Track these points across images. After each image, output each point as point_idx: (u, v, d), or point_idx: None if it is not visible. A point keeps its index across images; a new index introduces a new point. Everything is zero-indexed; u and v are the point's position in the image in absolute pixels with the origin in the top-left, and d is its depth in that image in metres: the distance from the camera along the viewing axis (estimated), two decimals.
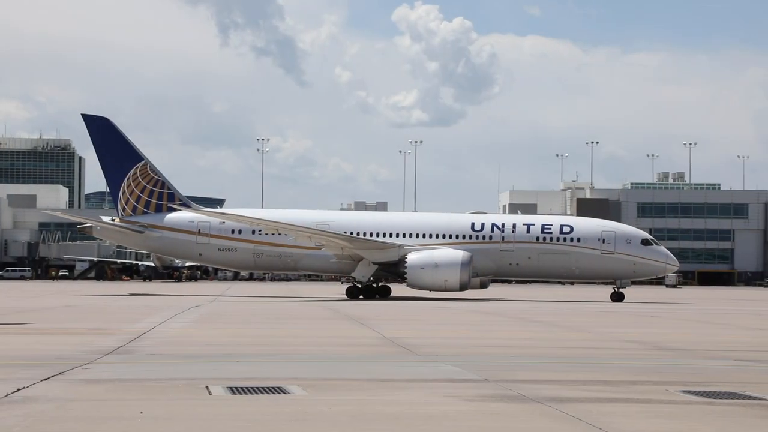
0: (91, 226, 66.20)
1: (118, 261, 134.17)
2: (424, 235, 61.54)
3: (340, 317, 36.85)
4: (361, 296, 60.05)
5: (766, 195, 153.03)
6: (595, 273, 61.69)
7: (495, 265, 61.40)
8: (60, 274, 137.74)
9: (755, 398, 13.87)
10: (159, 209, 63.76)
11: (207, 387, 14.37)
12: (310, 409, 12.53)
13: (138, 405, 12.60)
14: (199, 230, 62.69)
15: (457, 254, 58.97)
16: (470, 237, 61.17)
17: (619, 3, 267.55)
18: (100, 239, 71.16)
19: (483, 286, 63.93)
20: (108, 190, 65.48)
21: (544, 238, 60.86)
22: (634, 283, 65.75)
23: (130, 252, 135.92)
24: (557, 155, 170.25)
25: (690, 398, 13.85)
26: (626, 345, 24.75)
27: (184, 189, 66.35)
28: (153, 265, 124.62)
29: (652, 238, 62.03)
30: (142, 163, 64.30)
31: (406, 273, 58.69)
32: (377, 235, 61.88)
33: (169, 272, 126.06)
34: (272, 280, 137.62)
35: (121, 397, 13.44)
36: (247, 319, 35.89)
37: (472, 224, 61.66)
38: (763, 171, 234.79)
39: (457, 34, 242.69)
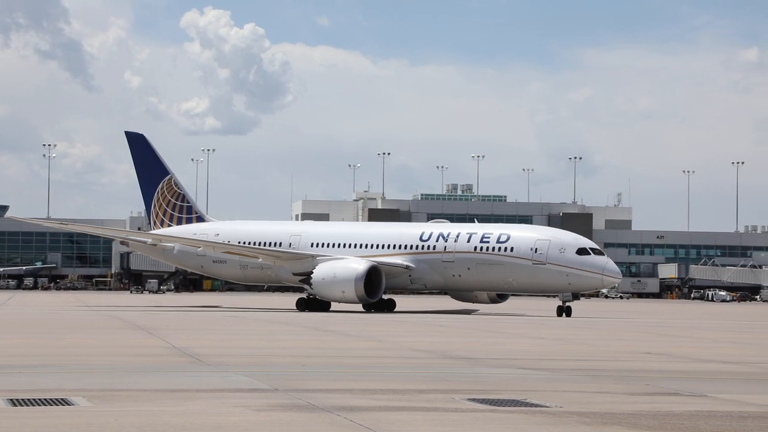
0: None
1: None
2: (376, 246, 59.78)
3: (128, 327, 36.16)
4: (308, 309, 58.11)
5: (550, 207, 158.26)
6: (529, 286, 57.52)
7: (441, 277, 58.34)
8: None
9: (537, 405, 14.32)
10: (180, 222, 66.24)
11: None
12: (96, 420, 12.26)
13: None
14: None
15: (356, 267, 56.44)
16: (417, 247, 58.67)
17: (406, 17, 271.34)
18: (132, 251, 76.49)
19: (493, 301, 60.81)
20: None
21: (482, 248, 56.98)
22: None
23: None
24: (350, 165, 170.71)
25: (475, 406, 14.19)
26: (415, 354, 25.19)
27: None
28: None
29: (592, 246, 56.26)
30: (168, 177, 67.33)
31: (311, 284, 57.65)
32: (335, 246, 60.41)
33: None
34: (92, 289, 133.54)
35: None
36: (30, 328, 34.80)
37: (421, 234, 59.20)
38: (547, 184, 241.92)
39: (249, 41, 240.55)
